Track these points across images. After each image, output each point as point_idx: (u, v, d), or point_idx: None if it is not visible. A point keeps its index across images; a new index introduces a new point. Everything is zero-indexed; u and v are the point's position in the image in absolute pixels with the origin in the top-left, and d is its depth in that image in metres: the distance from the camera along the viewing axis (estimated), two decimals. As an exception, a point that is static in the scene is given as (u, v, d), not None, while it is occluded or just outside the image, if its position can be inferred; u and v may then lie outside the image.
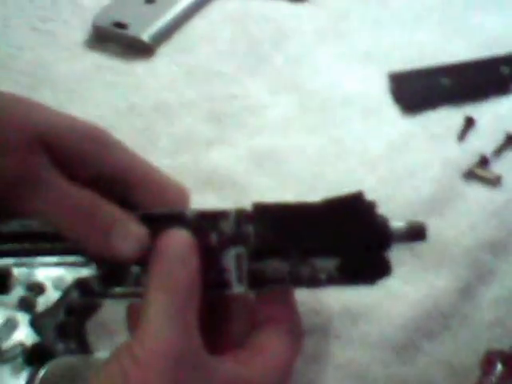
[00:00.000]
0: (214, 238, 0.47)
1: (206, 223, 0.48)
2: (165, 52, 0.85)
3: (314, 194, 0.69)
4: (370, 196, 0.70)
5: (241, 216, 0.48)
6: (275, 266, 0.47)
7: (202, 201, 0.69)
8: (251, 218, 0.48)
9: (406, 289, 0.62)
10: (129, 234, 0.47)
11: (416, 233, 0.48)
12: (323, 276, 0.47)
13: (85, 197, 0.48)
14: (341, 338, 0.61)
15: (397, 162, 0.72)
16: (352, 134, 0.75)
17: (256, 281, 0.47)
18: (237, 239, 0.47)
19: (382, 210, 0.68)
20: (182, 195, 0.52)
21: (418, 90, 0.78)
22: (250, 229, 0.47)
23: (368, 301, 0.62)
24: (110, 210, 0.48)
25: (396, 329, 0.61)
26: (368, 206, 0.48)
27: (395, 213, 0.68)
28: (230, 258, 0.47)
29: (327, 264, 0.47)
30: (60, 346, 0.49)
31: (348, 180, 0.71)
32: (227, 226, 0.48)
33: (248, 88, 0.79)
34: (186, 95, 0.78)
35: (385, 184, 0.71)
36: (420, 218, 0.67)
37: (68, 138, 0.49)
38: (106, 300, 0.49)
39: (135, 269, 0.48)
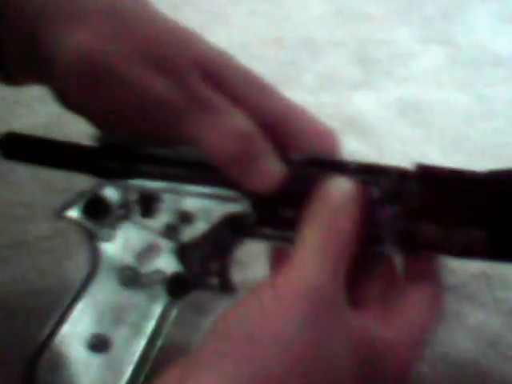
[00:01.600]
0: (374, 192, 0.46)
1: (368, 176, 0.46)
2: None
3: (458, 152, 0.69)
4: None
5: (403, 175, 0.46)
6: (430, 230, 0.45)
7: (342, 143, 0.68)
8: (413, 178, 0.46)
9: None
10: (268, 171, 0.46)
11: None
12: (474, 248, 0.45)
13: (242, 120, 0.47)
14: (474, 300, 0.60)
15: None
16: (501, 95, 0.72)
17: (409, 242, 0.46)
18: (396, 198, 0.46)
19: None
20: (335, 143, 0.51)
21: None
22: (410, 189, 0.46)
23: (505, 266, 0.61)
24: (262, 141, 0.47)
25: (533, 299, 0.60)
26: None
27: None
28: (387, 216, 0.46)
29: (481, 237, 0.45)
30: (202, 280, 0.48)
31: (493, 142, 0.69)
32: (388, 183, 0.46)
33: (398, 35, 0.77)
34: (334, 34, 0.77)
35: (532, 150, 0.69)
36: None
37: (225, 72, 0.48)
38: (254, 239, 0.48)
39: (288, 212, 0.47)
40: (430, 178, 0.46)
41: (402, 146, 0.68)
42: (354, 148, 0.68)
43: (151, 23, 0.47)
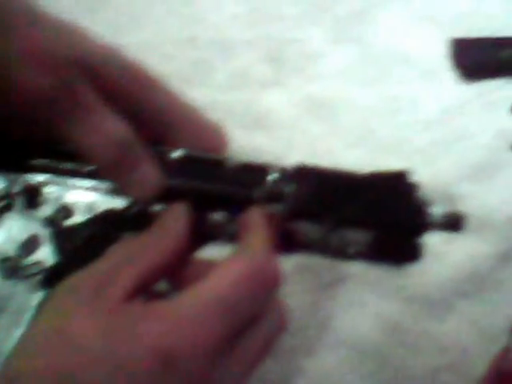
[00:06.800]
0: (255, 192, 0.46)
1: (246, 175, 0.46)
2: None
3: (363, 147, 0.71)
4: (418, 156, 0.71)
5: (283, 174, 0.46)
6: (307, 229, 0.45)
7: (251, 140, 0.69)
8: (293, 177, 0.46)
9: (446, 249, 0.63)
10: (146, 180, 0.46)
11: (453, 224, 0.45)
12: (351, 249, 0.45)
13: (121, 128, 0.46)
14: (375, 287, 0.62)
15: (449, 125, 0.72)
16: (407, 93, 0.74)
17: (285, 241, 0.46)
18: (275, 196, 0.46)
19: (430, 170, 0.69)
20: (221, 138, 0.50)
21: (478, 59, 0.77)
22: (289, 188, 0.46)
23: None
24: (140, 149, 0.47)
25: (432, 286, 0.61)
26: (410, 187, 0.45)
27: (442, 175, 0.69)
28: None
29: (358, 238, 0.45)
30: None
31: (398, 137, 0.71)
32: (268, 182, 0.46)
33: (309, 34, 0.79)
34: (246, 33, 0.78)
35: (434, 145, 0.71)
36: (466, 183, 0.69)
37: (109, 68, 0.47)
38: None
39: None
40: (307, 178, 0.46)
41: (308, 141, 0.70)
42: (263, 143, 0.69)
43: (36, 23, 0.46)
